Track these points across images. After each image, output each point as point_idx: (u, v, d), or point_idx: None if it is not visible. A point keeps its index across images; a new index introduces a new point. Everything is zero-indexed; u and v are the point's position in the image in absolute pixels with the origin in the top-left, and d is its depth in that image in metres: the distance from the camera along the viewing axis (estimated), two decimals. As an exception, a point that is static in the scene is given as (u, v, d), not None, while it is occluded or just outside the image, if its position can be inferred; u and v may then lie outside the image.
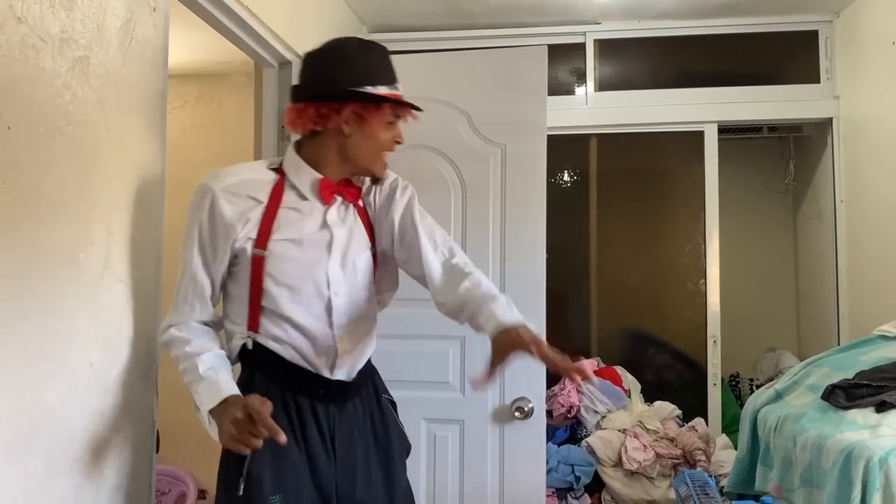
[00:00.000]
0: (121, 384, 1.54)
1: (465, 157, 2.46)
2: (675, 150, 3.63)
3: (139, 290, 1.60)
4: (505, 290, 2.38)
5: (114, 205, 1.53)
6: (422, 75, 2.51)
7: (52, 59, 1.34)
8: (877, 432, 1.71)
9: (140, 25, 1.61)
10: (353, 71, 1.53)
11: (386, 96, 1.55)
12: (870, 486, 1.61)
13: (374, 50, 1.61)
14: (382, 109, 1.56)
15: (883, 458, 1.61)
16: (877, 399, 1.80)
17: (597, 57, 3.52)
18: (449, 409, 2.42)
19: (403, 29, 3.49)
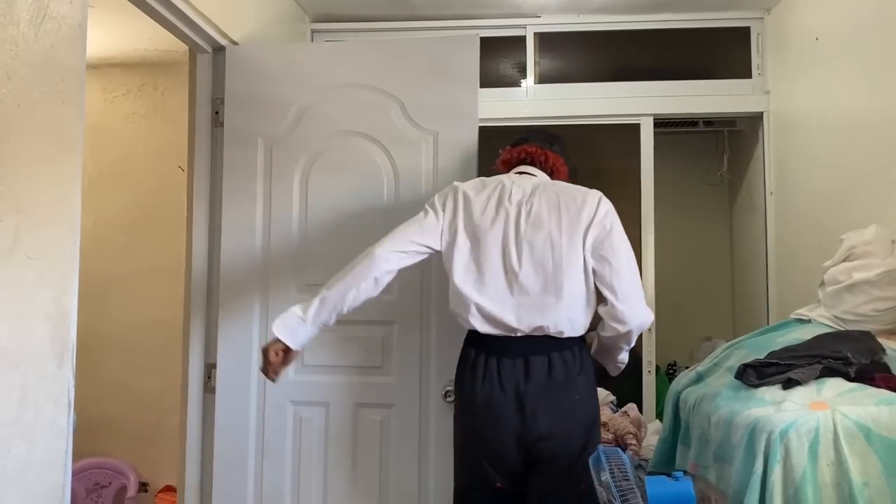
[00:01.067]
0: (32, 362, 1.53)
1: (398, 144, 2.48)
2: (613, 143, 3.69)
3: (53, 268, 1.59)
4: (434, 276, 2.42)
5: (25, 182, 1.51)
6: (355, 62, 2.54)
7: None
8: (780, 407, 1.77)
9: (54, 2, 1.59)
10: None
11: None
12: (771, 459, 1.67)
13: None
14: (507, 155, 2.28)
15: (783, 430, 1.68)
16: (784, 377, 1.87)
17: (537, 50, 3.57)
18: (380, 394, 2.44)
19: (345, 19, 3.49)
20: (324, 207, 2.50)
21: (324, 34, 3.55)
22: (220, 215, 2.56)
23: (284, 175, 2.53)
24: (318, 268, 2.47)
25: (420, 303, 2.44)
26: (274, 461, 2.47)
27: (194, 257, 2.61)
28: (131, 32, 3.54)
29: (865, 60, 2.56)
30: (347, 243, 2.45)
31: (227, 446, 2.48)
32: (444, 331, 2.39)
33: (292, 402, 2.48)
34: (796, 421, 1.69)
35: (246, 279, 2.51)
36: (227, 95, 2.57)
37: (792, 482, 1.65)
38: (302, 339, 1.99)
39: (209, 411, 2.55)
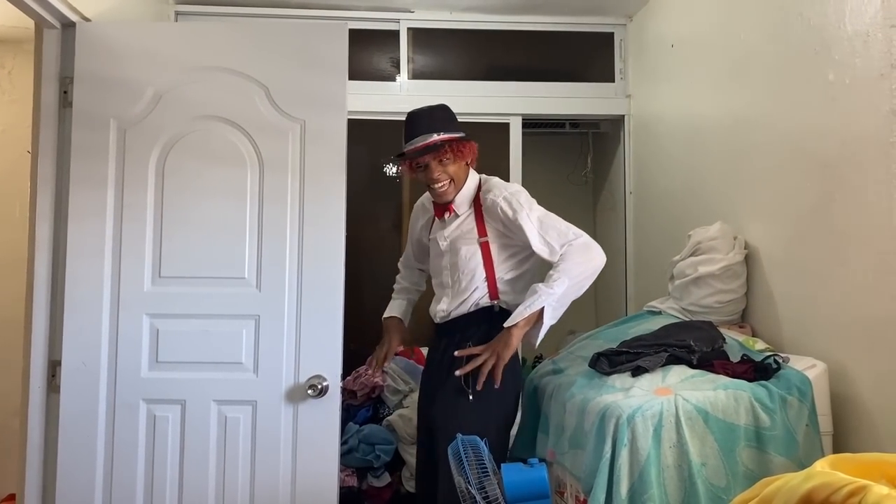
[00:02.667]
0: None
1: (263, 131, 2.40)
2: (485, 141, 3.71)
3: None
4: (302, 268, 2.37)
5: None
6: (218, 44, 2.44)
7: None
8: (629, 393, 1.86)
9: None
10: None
11: (404, 153, 2.31)
12: (618, 443, 1.75)
13: (409, 115, 2.33)
14: (407, 163, 2.32)
15: (630, 415, 1.76)
16: (633, 364, 1.96)
17: (411, 45, 3.58)
18: (241, 390, 2.36)
19: (211, 2, 3.37)
20: (182, 195, 2.39)
21: (188, 17, 3.41)
22: (67, 202, 2.39)
23: (139, 160, 2.39)
24: (176, 258, 2.37)
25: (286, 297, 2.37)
26: (125, 464, 2.33)
27: (37, 246, 2.43)
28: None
29: (712, 67, 2.73)
30: (208, 233, 2.37)
31: (73, 449, 2.32)
32: (310, 325, 2.35)
33: (145, 401, 2.35)
34: (642, 406, 1.77)
35: (95, 270, 2.36)
36: (77, 75, 2.40)
37: (637, 464, 1.73)
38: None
39: (53, 412, 2.38)
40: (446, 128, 2.25)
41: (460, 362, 2.17)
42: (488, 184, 2.33)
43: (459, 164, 2.27)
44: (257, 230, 2.39)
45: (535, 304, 2.08)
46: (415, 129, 2.27)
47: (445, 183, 2.27)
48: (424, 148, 2.21)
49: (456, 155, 2.23)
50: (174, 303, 2.37)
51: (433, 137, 2.22)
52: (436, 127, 2.24)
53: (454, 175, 2.27)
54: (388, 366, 3.00)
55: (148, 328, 2.36)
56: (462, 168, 2.29)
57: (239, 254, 2.38)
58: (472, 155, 2.28)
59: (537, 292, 2.09)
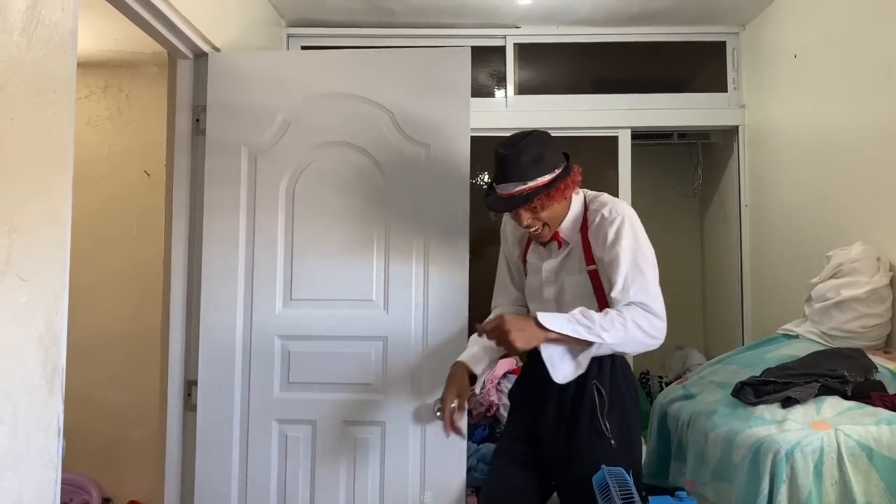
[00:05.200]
0: (24, 389, 1.44)
1: (389, 156, 2.43)
2: (591, 155, 3.70)
3: (44, 290, 1.51)
4: (428, 290, 2.39)
5: (17, 199, 1.43)
6: (344, 71, 2.49)
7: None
8: (783, 427, 1.79)
9: (47, 9, 1.51)
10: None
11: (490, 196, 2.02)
12: (777, 479, 1.69)
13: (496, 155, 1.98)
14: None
15: (789, 451, 1.69)
16: (782, 395, 1.89)
17: (517, 60, 3.57)
18: (370, 411, 2.39)
19: (323, 24, 3.44)
20: (311, 219, 2.44)
21: (300, 39, 3.49)
22: (201, 226, 2.47)
23: (270, 186, 2.45)
24: (306, 281, 2.42)
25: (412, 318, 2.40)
26: (258, 482, 2.40)
27: (173, 270, 2.52)
28: (98, 33, 3.41)
29: (846, 77, 2.62)
30: (337, 256, 2.41)
31: (209, 467, 2.40)
32: (436, 345, 2.36)
33: (277, 421, 2.41)
34: (801, 441, 1.70)
35: (229, 293, 2.43)
36: (210, 103, 2.49)
37: (798, 502, 1.67)
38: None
39: (189, 428, 2.46)
40: (538, 171, 1.90)
41: (587, 402, 1.94)
42: (595, 202, 2.03)
43: (552, 207, 1.95)
44: (384, 253, 2.42)
45: (584, 333, 1.80)
46: (502, 174, 1.93)
47: (538, 228, 1.98)
48: (508, 200, 1.92)
49: (546, 202, 1.92)
50: (305, 324, 2.42)
51: (519, 187, 1.89)
52: (525, 174, 1.89)
53: (549, 219, 1.97)
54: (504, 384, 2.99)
55: (280, 349, 2.42)
56: (558, 208, 1.97)
57: (366, 276, 2.41)
58: (570, 188, 1.96)
59: (593, 323, 1.80)
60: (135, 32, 2.32)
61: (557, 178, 1.92)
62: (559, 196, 1.93)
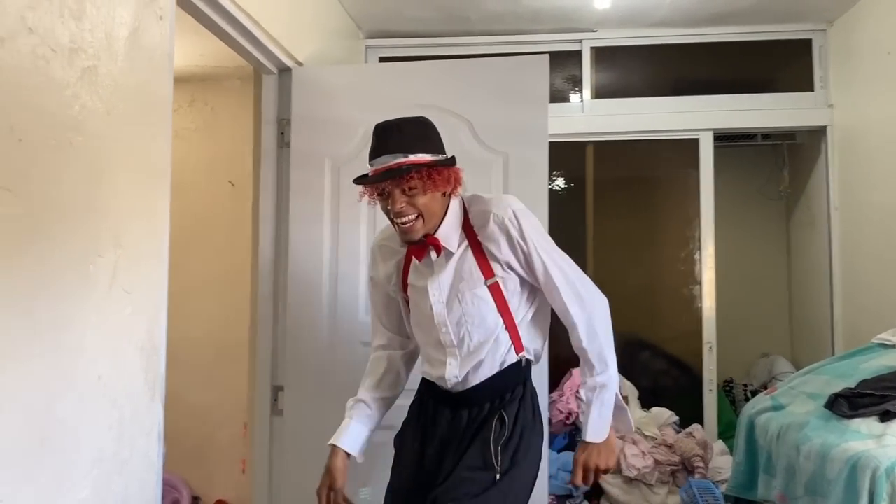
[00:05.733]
0: (128, 396, 1.52)
1: (467, 165, 2.41)
2: (670, 158, 3.64)
3: (146, 301, 1.59)
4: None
5: (122, 215, 1.51)
6: (423, 83, 2.52)
7: (61, 69, 1.33)
8: (882, 442, 1.72)
9: (147, 34, 1.59)
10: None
11: (365, 175, 1.75)
12: (877, 496, 1.62)
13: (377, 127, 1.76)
14: (368, 188, 1.76)
15: (889, 468, 1.63)
16: (880, 408, 1.82)
17: (593, 64, 3.54)
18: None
19: (400, 35, 3.49)
20: (392, 229, 2.48)
21: (377, 50, 3.55)
22: (287, 237, 2.55)
23: (352, 196, 2.49)
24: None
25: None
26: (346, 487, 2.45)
27: (260, 280, 2.61)
28: (185, 49, 3.55)
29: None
30: (416, 266, 2.44)
31: (296, 472, 2.46)
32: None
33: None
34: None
35: (313, 303, 2.49)
36: (294, 116, 2.56)
37: (899, 521, 1.60)
38: None
39: (276, 433, 2.54)
40: (421, 147, 1.68)
41: (486, 429, 1.75)
42: (476, 202, 1.80)
43: (432, 194, 1.69)
44: (463, 261, 2.43)
45: (609, 398, 1.70)
46: (380, 145, 1.71)
47: (410, 218, 1.69)
48: (385, 172, 1.67)
49: (427, 184, 1.66)
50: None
51: (399, 159, 1.65)
52: (406, 146, 1.67)
53: (424, 208, 1.69)
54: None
55: (364, 357, 2.46)
56: (436, 199, 1.71)
57: (446, 285, 2.43)
58: (452, 184, 1.73)
59: (604, 391, 1.69)
60: (219, 47, 2.41)
61: (441, 162, 1.70)
62: (440, 183, 1.68)
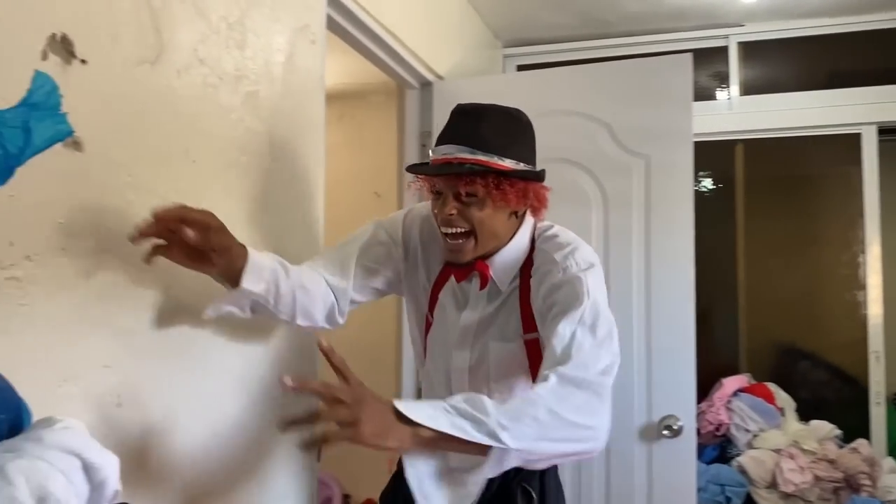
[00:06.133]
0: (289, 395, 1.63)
1: (607, 169, 2.42)
2: (828, 155, 3.42)
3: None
4: (650, 305, 2.34)
5: (283, 228, 1.63)
6: (559, 88, 2.52)
7: (227, 96, 1.45)
8: None
9: (301, 58, 1.70)
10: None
11: (423, 163, 1.40)
12: None
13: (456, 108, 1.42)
14: (423, 180, 1.41)
15: None
16: None
17: (741, 60, 3.39)
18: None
19: (538, 42, 3.49)
20: (532, 236, 2.50)
21: (515, 58, 3.57)
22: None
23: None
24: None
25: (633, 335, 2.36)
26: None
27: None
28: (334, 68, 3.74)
29: None
30: (557, 272, 2.44)
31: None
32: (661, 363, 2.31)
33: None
34: None
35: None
36: (435, 128, 2.62)
37: None
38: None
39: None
40: (500, 147, 1.32)
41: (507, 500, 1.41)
42: (550, 242, 1.41)
43: (497, 210, 1.34)
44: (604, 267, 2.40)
45: (471, 431, 1.07)
46: (450, 131, 1.36)
47: (459, 231, 1.35)
48: (442, 165, 1.32)
49: (493, 194, 1.31)
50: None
51: (465, 154, 1.30)
52: (481, 140, 1.31)
53: (480, 225, 1.34)
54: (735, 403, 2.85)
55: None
56: (500, 218, 1.36)
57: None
58: (529, 202, 1.38)
59: (486, 415, 1.08)
60: (365, 65, 2.53)
61: (520, 173, 1.34)
62: (511, 197, 1.32)
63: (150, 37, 1.24)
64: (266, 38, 1.57)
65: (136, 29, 1.21)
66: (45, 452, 0.78)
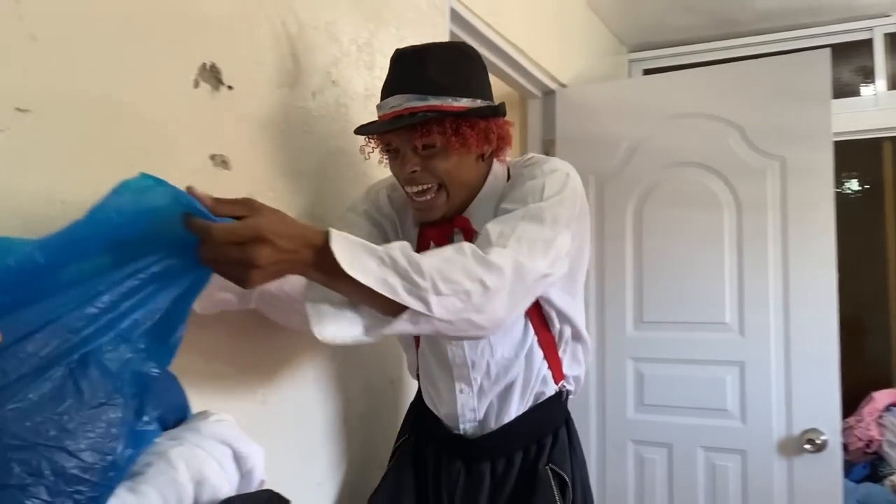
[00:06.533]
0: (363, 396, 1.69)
1: (739, 173, 2.34)
2: None
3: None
4: (789, 313, 2.25)
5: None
6: (688, 91, 2.46)
7: (357, 114, 1.53)
8: None
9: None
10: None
11: (371, 123, 1.25)
12: None
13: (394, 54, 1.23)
14: (375, 140, 1.27)
15: None
16: None
17: (887, 52, 3.17)
18: (728, 438, 2.30)
19: (664, 45, 3.42)
20: (658, 242, 2.45)
21: (641, 63, 3.51)
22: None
23: (616, 211, 2.52)
24: (656, 304, 2.44)
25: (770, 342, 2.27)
26: (616, 501, 2.45)
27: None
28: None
29: None
30: (686, 278, 2.38)
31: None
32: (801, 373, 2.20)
33: (633, 442, 2.44)
34: None
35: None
36: (559, 136, 2.65)
37: None
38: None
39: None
40: (449, 87, 1.15)
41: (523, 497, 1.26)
42: (528, 163, 1.25)
43: (462, 156, 1.18)
44: (737, 273, 2.33)
45: (402, 293, 0.92)
46: (392, 81, 1.20)
47: (426, 188, 1.20)
48: (392, 119, 1.17)
49: (453, 141, 1.15)
50: (656, 347, 2.43)
51: (413, 103, 1.15)
52: (427, 84, 1.15)
53: (447, 176, 1.19)
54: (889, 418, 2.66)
55: (632, 371, 2.46)
56: (467, 164, 1.20)
57: (718, 298, 2.34)
58: (493, 142, 1.21)
59: (421, 276, 0.93)
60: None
61: (477, 111, 1.16)
62: (473, 140, 1.16)
63: (288, 62, 1.34)
64: (393, 57, 1.64)
65: (277, 56, 1.31)
66: (203, 441, 0.87)
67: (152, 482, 0.79)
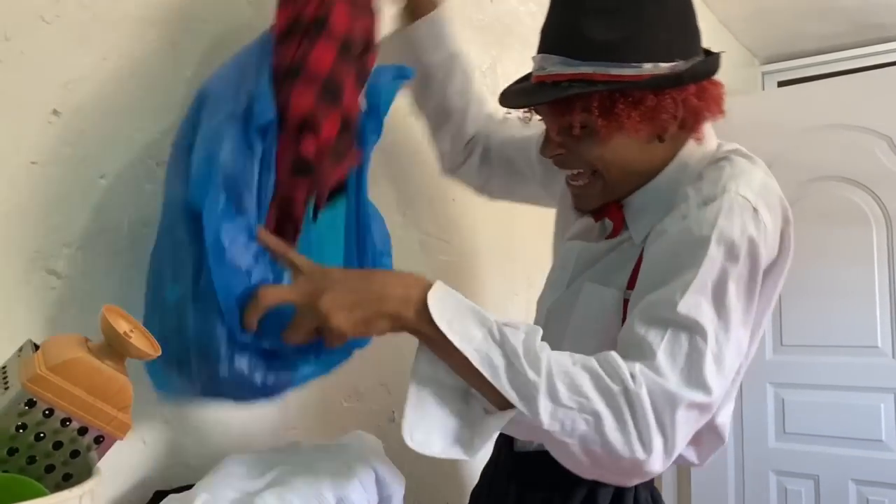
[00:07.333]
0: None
1: (888, 185, 2.19)
2: None
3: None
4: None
5: (530, 260, 1.70)
6: (826, 102, 2.35)
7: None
8: None
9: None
10: None
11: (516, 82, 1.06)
12: None
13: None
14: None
15: None
16: None
17: None
18: (884, 472, 2.13)
19: (800, 55, 3.26)
20: (800, 261, 2.29)
21: (775, 75, 3.37)
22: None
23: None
24: (797, 326, 2.31)
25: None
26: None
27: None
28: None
29: None
30: (830, 299, 2.25)
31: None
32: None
33: (774, 473, 2.31)
34: None
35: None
36: (687, 154, 2.57)
37: None
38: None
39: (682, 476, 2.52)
40: (612, 49, 0.88)
41: None
42: (710, 169, 0.94)
43: (620, 139, 0.91)
44: (889, 293, 2.17)
45: (510, 392, 0.74)
46: (545, 33, 0.97)
47: (578, 175, 0.97)
48: (535, 87, 0.94)
49: (605, 122, 0.88)
50: (799, 372, 2.30)
51: (557, 69, 0.90)
52: (581, 43, 0.89)
53: (601, 163, 0.94)
54: None
55: (772, 397, 2.34)
56: (633, 149, 0.93)
57: (868, 320, 2.20)
58: (664, 121, 0.91)
59: (539, 378, 0.74)
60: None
61: (652, 81, 0.88)
62: (636, 122, 0.88)
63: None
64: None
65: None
66: (351, 461, 0.91)
67: (298, 493, 0.83)
